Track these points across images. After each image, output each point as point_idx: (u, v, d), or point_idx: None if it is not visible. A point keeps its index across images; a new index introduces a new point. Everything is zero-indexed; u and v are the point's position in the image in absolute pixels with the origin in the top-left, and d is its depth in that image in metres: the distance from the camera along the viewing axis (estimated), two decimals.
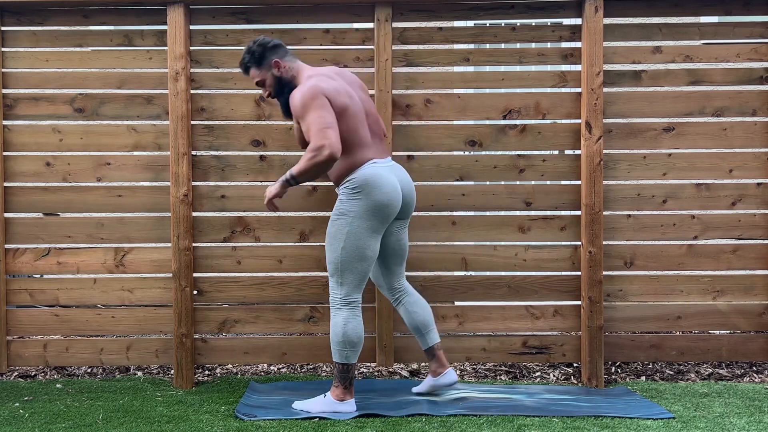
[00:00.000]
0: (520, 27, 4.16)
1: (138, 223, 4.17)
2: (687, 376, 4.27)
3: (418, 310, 3.76)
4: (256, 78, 3.64)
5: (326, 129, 3.37)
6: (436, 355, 3.77)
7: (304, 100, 3.43)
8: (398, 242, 3.72)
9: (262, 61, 3.60)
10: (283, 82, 3.61)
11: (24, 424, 3.37)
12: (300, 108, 3.44)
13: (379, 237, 3.55)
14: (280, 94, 3.62)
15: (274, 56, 3.60)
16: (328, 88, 3.47)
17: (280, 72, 3.60)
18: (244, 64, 3.65)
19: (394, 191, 3.53)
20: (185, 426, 3.34)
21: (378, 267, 3.78)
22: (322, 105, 3.41)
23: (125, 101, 4.17)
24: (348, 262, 3.49)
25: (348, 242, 3.48)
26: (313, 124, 3.39)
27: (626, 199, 4.17)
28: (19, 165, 4.18)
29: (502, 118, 4.16)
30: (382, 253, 3.72)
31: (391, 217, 3.55)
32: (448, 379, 3.75)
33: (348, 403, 3.53)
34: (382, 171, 3.53)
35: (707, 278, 4.19)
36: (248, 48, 3.62)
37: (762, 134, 4.17)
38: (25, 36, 4.18)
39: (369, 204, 3.48)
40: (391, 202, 3.51)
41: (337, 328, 3.50)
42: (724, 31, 4.17)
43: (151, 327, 4.18)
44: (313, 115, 3.40)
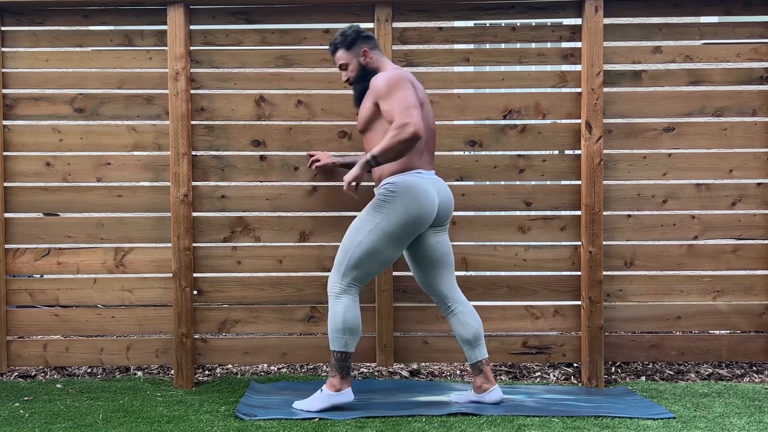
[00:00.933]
0: (520, 27, 4.17)
1: (138, 223, 4.18)
2: (687, 376, 4.27)
3: (472, 322, 3.67)
4: (341, 60, 3.67)
5: (411, 108, 3.39)
6: (483, 370, 3.67)
7: (390, 80, 3.46)
8: (438, 245, 3.65)
9: (352, 45, 3.64)
10: (367, 70, 3.65)
11: (24, 424, 3.37)
12: (385, 87, 3.46)
13: (400, 247, 3.53)
14: (360, 81, 3.66)
15: (365, 45, 3.65)
16: (414, 81, 3.55)
17: (366, 61, 3.64)
18: (334, 44, 3.68)
19: (429, 206, 3.51)
20: (185, 426, 3.34)
21: (425, 275, 3.70)
22: (407, 87, 3.46)
23: (125, 101, 4.17)
24: (359, 258, 3.49)
25: (367, 239, 3.47)
26: (398, 103, 3.41)
27: (626, 199, 4.17)
28: (19, 165, 4.18)
29: (502, 118, 4.16)
30: (423, 260, 3.67)
31: (421, 229, 3.53)
32: (495, 396, 3.64)
33: (345, 393, 3.54)
34: (424, 182, 3.53)
35: (707, 278, 4.19)
36: (342, 31, 3.67)
37: (762, 134, 4.17)
38: (25, 36, 4.19)
39: (402, 212, 3.47)
40: (422, 216, 3.50)
41: (337, 315, 3.51)
42: (724, 31, 4.17)
43: (151, 327, 4.18)
44: (399, 94, 3.43)
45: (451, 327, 3.71)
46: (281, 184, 4.17)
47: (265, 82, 4.15)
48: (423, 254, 3.66)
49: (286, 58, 4.15)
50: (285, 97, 4.16)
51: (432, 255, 3.66)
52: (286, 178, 4.16)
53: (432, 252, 3.66)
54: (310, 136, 4.15)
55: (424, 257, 3.67)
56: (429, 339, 4.18)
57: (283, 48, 4.16)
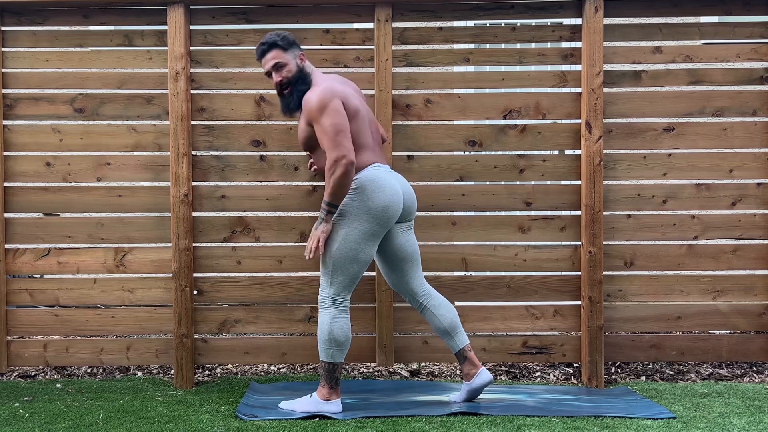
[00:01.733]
0: (520, 27, 4.17)
1: (138, 223, 4.18)
2: (687, 376, 4.27)
3: (444, 312, 3.69)
4: (278, 59, 3.58)
5: (339, 137, 3.39)
6: (468, 356, 3.69)
7: (320, 102, 3.43)
8: (407, 243, 3.68)
9: (290, 47, 3.61)
10: (303, 74, 3.59)
11: (24, 424, 3.37)
12: (316, 111, 3.44)
13: (376, 242, 3.53)
14: (299, 84, 3.58)
15: (299, 50, 3.64)
16: (342, 91, 3.51)
17: (303, 64, 3.62)
18: (270, 43, 3.59)
19: (394, 194, 3.52)
20: (185, 426, 3.34)
21: (396, 275, 3.72)
22: (336, 109, 3.44)
23: (125, 101, 4.17)
24: (340, 263, 3.49)
25: (343, 243, 3.47)
26: (327, 134, 3.41)
27: (626, 199, 4.17)
28: (19, 165, 4.18)
29: (502, 118, 4.16)
30: (394, 260, 3.68)
31: (392, 221, 3.53)
32: (483, 378, 3.67)
33: (334, 403, 3.53)
34: (383, 174, 3.54)
35: (707, 278, 4.19)
36: (277, 32, 3.63)
37: (762, 134, 4.17)
38: (25, 36, 4.18)
39: (369, 205, 3.47)
40: (391, 204, 3.50)
41: (324, 326, 3.50)
42: (724, 31, 4.17)
43: (151, 327, 4.18)
44: (327, 120, 3.41)
45: (428, 321, 3.75)
46: (281, 184, 4.17)
47: (265, 82, 4.15)
48: (393, 254, 3.67)
49: None
50: None
51: (402, 254, 3.67)
52: (286, 178, 4.16)
53: (402, 251, 3.67)
54: None
55: (394, 257, 3.68)
56: (429, 339, 4.18)
57: None
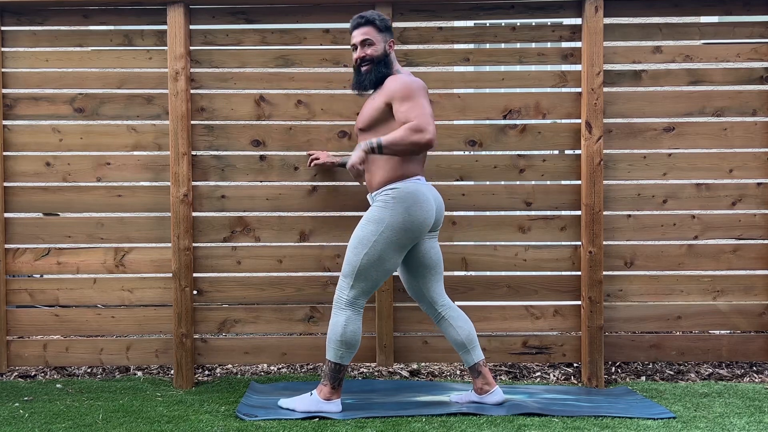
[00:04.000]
0: (520, 27, 4.17)
1: (138, 223, 4.18)
2: (687, 376, 4.27)
3: (463, 324, 3.67)
4: (368, 35, 3.58)
5: (431, 117, 3.41)
6: (482, 372, 3.66)
7: (413, 85, 3.46)
8: (432, 251, 3.65)
9: (385, 30, 3.61)
10: (387, 60, 3.60)
11: (24, 424, 3.37)
12: (406, 90, 3.44)
13: (403, 253, 3.53)
14: (380, 65, 3.59)
15: (392, 37, 3.65)
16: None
17: (389, 51, 3.62)
18: (367, 18, 3.59)
19: (430, 210, 3.52)
20: (185, 426, 3.34)
21: (418, 282, 3.69)
22: (427, 98, 3.49)
23: (125, 101, 4.17)
24: (366, 270, 3.48)
25: (373, 250, 3.46)
26: (419, 108, 3.41)
27: (626, 199, 4.17)
28: (19, 165, 4.18)
29: (502, 118, 4.16)
30: (418, 267, 3.66)
31: (423, 234, 3.53)
32: (496, 398, 3.63)
33: (334, 403, 3.53)
34: (424, 189, 3.54)
35: (707, 278, 4.20)
36: (379, 13, 3.64)
37: (762, 134, 4.17)
38: (25, 36, 4.19)
39: (405, 218, 3.46)
40: (426, 220, 3.50)
41: (338, 327, 3.50)
42: (724, 31, 4.17)
43: (151, 327, 4.18)
44: (421, 101, 3.43)
45: (444, 332, 3.71)
46: (281, 184, 4.17)
47: (265, 82, 4.15)
48: (417, 261, 3.65)
49: (286, 58, 4.15)
50: (285, 97, 4.16)
51: (426, 261, 3.65)
52: (286, 178, 4.16)
53: (426, 258, 3.65)
54: (310, 136, 4.14)
55: (418, 264, 3.65)
56: (429, 339, 4.18)
57: (283, 48, 4.16)
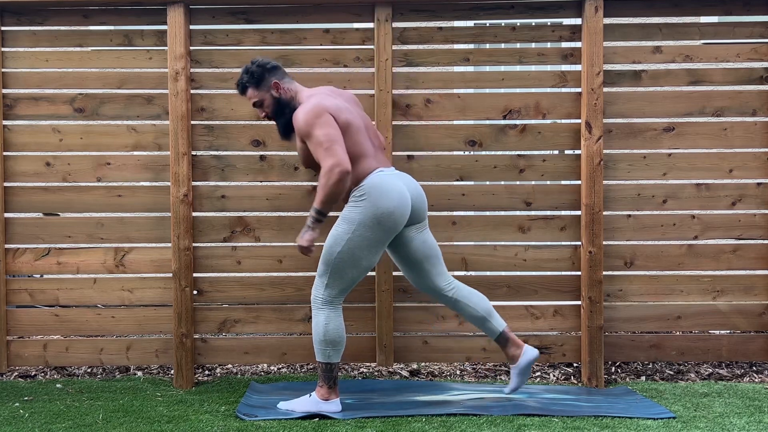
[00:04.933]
0: (520, 27, 4.17)
1: (138, 223, 4.17)
2: (687, 376, 4.27)
3: (477, 300, 3.68)
4: (253, 98, 3.62)
5: (333, 146, 3.38)
6: (509, 337, 3.69)
7: (308, 118, 3.43)
8: (424, 245, 3.64)
9: (260, 82, 3.58)
10: (282, 103, 3.60)
11: (24, 424, 3.37)
12: (305, 127, 3.43)
13: (380, 249, 3.52)
14: (279, 115, 3.61)
15: (273, 77, 3.59)
16: (331, 105, 3.48)
17: (279, 93, 3.59)
18: (242, 84, 3.62)
19: (400, 198, 3.49)
20: (185, 426, 3.34)
21: (418, 275, 3.68)
22: (326, 122, 3.42)
23: (125, 101, 4.17)
24: (340, 268, 3.48)
25: (346, 248, 3.45)
26: (320, 143, 3.39)
27: (626, 199, 4.17)
28: (19, 165, 4.18)
29: (502, 118, 4.16)
30: (415, 262, 3.65)
31: (398, 226, 3.51)
32: (529, 355, 3.67)
33: (333, 403, 3.53)
34: (388, 178, 3.52)
35: (707, 278, 4.19)
36: (246, 69, 3.60)
37: (762, 134, 4.17)
38: (25, 36, 4.18)
39: (375, 211, 3.45)
40: (397, 209, 3.47)
41: (319, 327, 3.50)
42: (724, 31, 4.17)
43: (151, 327, 4.18)
44: (319, 132, 3.40)
45: (462, 313, 3.72)
46: (281, 184, 4.17)
47: None
48: (412, 255, 3.65)
49: (286, 58, 4.14)
50: None
51: (420, 255, 3.65)
52: (285, 177, 4.16)
53: (420, 252, 3.65)
54: None
55: (413, 258, 3.66)
56: (429, 339, 4.18)
57: (283, 48, 4.16)
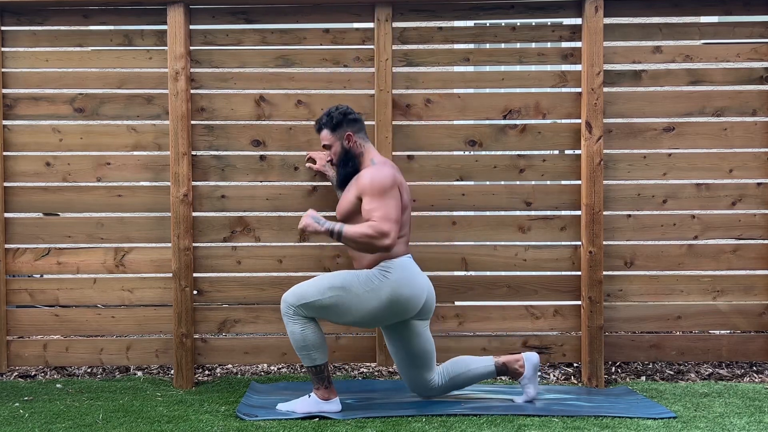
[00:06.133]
0: (520, 27, 4.17)
1: (138, 223, 4.17)
2: (687, 376, 4.27)
3: (459, 364, 3.70)
4: (325, 141, 3.66)
5: (393, 222, 3.42)
6: (505, 362, 3.70)
7: (384, 184, 3.45)
8: (428, 341, 3.63)
9: (337, 128, 3.63)
10: (350, 155, 3.64)
11: (24, 424, 3.37)
12: (377, 189, 3.44)
13: (370, 324, 3.54)
14: (343, 165, 3.66)
15: (350, 129, 3.63)
16: (401, 182, 3.55)
17: (349, 145, 3.63)
18: (320, 124, 3.68)
19: (420, 291, 3.52)
20: (185, 426, 3.34)
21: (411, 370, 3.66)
22: (397, 197, 3.48)
23: (125, 101, 4.17)
24: (326, 309, 3.48)
25: (344, 301, 3.46)
26: (387, 211, 3.41)
27: (626, 199, 4.17)
28: (19, 165, 4.18)
29: (502, 118, 4.16)
30: (412, 355, 3.62)
31: (403, 315, 3.52)
32: (532, 361, 3.69)
33: (333, 402, 3.54)
34: (416, 268, 3.57)
35: (707, 278, 4.19)
36: (329, 111, 3.66)
37: (762, 134, 4.17)
38: (25, 36, 4.18)
39: (393, 290, 3.46)
40: (412, 298, 3.49)
41: (296, 335, 3.48)
42: (724, 31, 4.17)
43: (151, 327, 4.18)
44: (390, 202, 3.44)
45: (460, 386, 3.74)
46: (281, 184, 4.17)
47: (265, 82, 4.15)
48: (411, 347, 3.60)
49: (286, 58, 4.15)
50: (285, 97, 4.16)
51: (418, 350, 3.60)
52: (286, 178, 4.16)
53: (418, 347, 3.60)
54: (310, 136, 4.14)
55: (411, 350, 3.61)
56: None
57: (283, 48, 4.16)
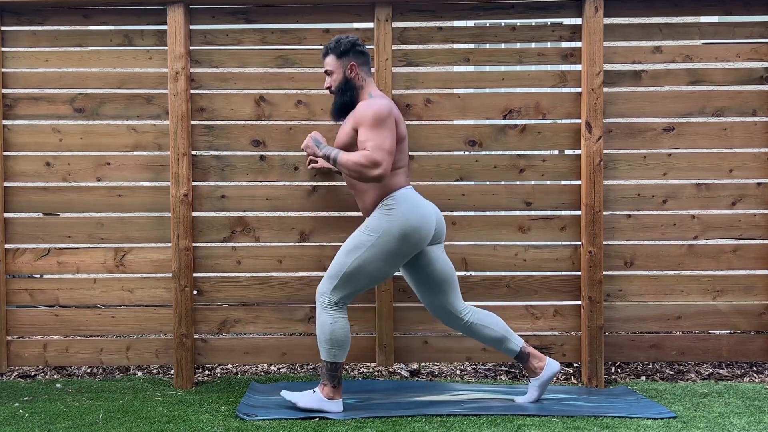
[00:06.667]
0: (520, 27, 4.17)
1: (138, 223, 4.17)
2: (687, 376, 4.27)
3: (493, 321, 3.69)
4: (328, 66, 3.64)
5: (387, 152, 3.42)
6: (530, 352, 3.70)
7: (378, 114, 3.45)
8: (446, 264, 3.64)
9: (343, 55, 3.61)
10: (349, 85, 3.62)
11: (24, 424, 3.37)
12: (370, 119, 3.44)
13: (398, 263, 3.53)
14: (341, 93, 3.63)
15: (355, 59, 3.61)
16: (398, 115, 3.55)
17: (351, 75, 3.61)
18: (326, 49, 3.65)
19: (428, 215, 3.52)
20: (185, 426, 3.34)
21: (437, 296, 3.66)
22: (392, 128, 3.47)
23: (125, 101, 4.17)
24: (354, 276, 3.49)
25: (365, 255, 3.47)
26: (378, 140, 3.41)
27: (626, 199, 4.17)
28: (19, 165, 4.18)
29: (502, 118, 4.16)
30: (435, 281, 3.63)
31: (422, 243, 3.52)
32: (552, 368, 3.68)
33: (336, 403, 3.54)
34: (418, 196, 3.58)
35: (707, 278, 4.19)
36: (338, 38, 3.63)
37: (762, 134, 4.17)
38: (25, 36, 4.18)
39: (404, 223, 3.46)
40: (423, 225, 3.49)
41: (325, 327, 3.50)
42: (724, 31, 4.17)
43: (151, 327, 4.18)
44: (384, 132, 3.44)
45: (477, 336, 3.71)
46: (281, 184, 4.17)
47: (265, 82, 4.15)
48: (434, 275, 3.62)
49: (286, 58, 4.15)
50: (285, 97, 4.16)
51: (443, 275, 3.63)
52: (286, 178, 4.16)
53: (443, 273, 3.63)
54: None
55: (435, 278, 3.63)
56: (429, 339, 4.18)
57: (283, 48, 4.16)
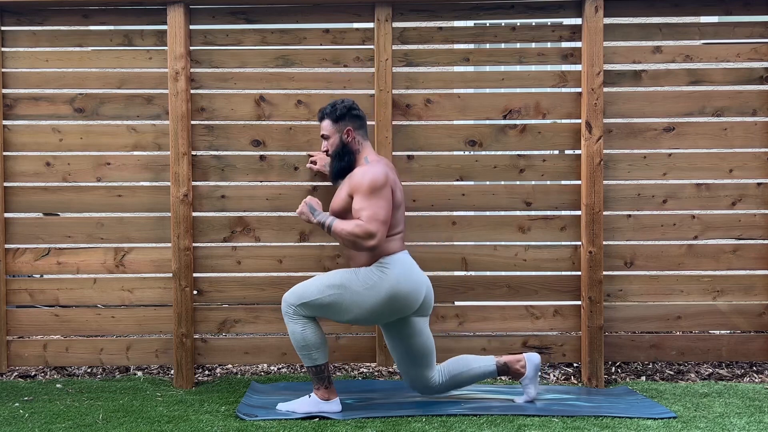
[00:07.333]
0: (520, 27, 4.17)
1: (138, 223, 4.17)
2: (687, 376, 4.27)
3: (459, 363, 3.69)
4: (324, 131, 3.66)
5: (384, 223, 3.43)
6: (506, 362, 3.70)
7: (376, 182, 3.45)
8: (429, 338, 3.62)
9: (339, 120, 3.62)
10: (346, 150, 3.63)
11: (24, 424, 3.37)
12: (367, 188, 3.44)
13: (372, 322, 3.54)
14: (338, 158, 3.64)
15: (351, 124, 3.63)
16: (394, 181, 3.55)
17: (348, 140, 3.62)
18: (322, 113, 3.68)
19: (419, 285, 3.52)
20: (185, 426, 3.34)
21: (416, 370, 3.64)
22: (387, 197, 3.47)
23: (125, 101, 4.17)
24: (325, 308, 3.49)
25: (344, 299, 3.47)
26: (375, 211, 3.42)
27: (626, 199, 4.17)
28: (19, 165, 4.18)
29: (502, 118, 4.16)
30: (415, 354, 3.61)
31: (404, 311, 3.52)
32: (533, 361, 3.69)
33: (333, 403, 3.54)
34: (414, 264, 3.58)
35: (707, 278, 4.19)
36: (335, 102, 3.66)
37: (762, 134, 4.17)
38: (25, 36, 4.18)
39: (392, 286, 3.46)
40: (411, 293, 3.49)
41: (297, 335, 3.49)
42: (724, 31, 4.17)
43: (151, 327, 4.18)
44: (380, 202, 3.44)
45: (459, 386, 3.73)
46: (281, 184, 4.17)
47: (265, 82, 4.15)
48: (414, 345, 3.59)
49: (286, 58, 4.15)
50: (285, 97, 4.16)
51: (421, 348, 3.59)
52: (286, 178, 4.16)
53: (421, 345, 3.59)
54: (310, 136, 4.14)
55: (414, 349, 3.59)
56: None
57: (283, 48, 4.16)
